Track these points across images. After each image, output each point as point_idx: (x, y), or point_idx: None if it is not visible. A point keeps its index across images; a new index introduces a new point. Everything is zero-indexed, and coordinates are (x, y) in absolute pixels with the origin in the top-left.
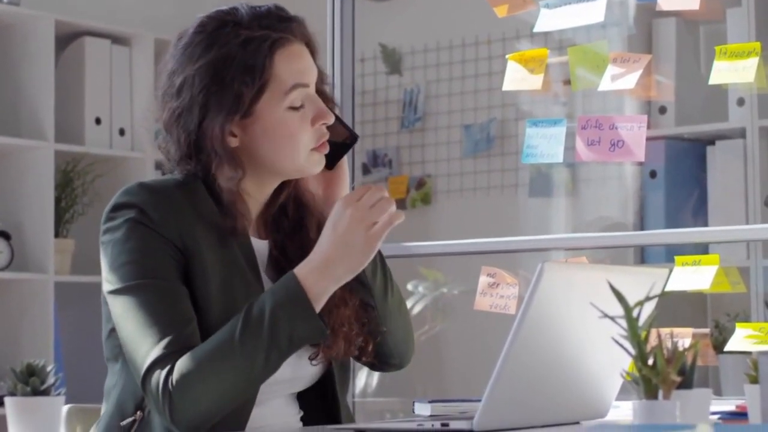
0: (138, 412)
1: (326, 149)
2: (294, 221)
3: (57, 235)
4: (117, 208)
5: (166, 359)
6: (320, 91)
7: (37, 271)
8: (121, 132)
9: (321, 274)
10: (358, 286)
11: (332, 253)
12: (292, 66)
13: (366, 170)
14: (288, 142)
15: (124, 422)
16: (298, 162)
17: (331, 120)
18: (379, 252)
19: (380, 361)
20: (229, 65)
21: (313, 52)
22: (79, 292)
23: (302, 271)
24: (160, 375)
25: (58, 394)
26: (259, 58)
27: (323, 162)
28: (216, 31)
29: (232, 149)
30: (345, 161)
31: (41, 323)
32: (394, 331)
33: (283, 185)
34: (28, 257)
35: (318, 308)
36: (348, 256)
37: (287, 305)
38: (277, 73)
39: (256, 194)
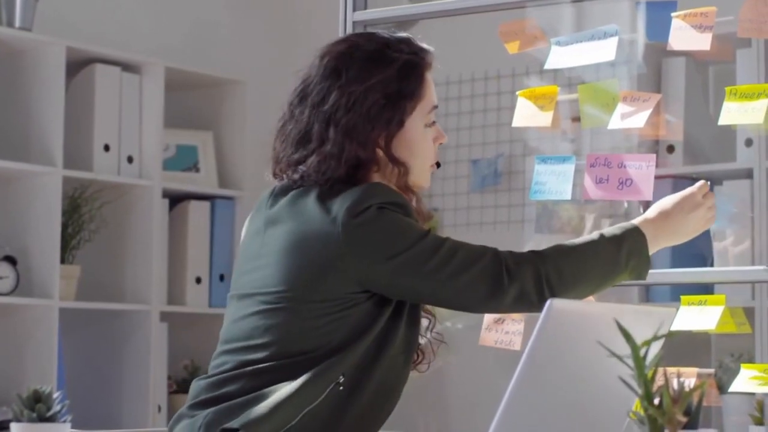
0: (341, 377)
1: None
2: None
3: (63, 261)
4: (391, 204)
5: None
6: None
7: (42, 296)
8: (129, 159)
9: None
10: None
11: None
12: (433, 88)
13: None
14: (423, 155)
15: (341, 380)
16: (423, 175)
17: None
18: None
19: None
20: (395, 84)
21: None
22: (84, 319)
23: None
24: (536, 260)
25: (64, 421)
26: (417, 78)
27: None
28: (375, 52)
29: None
30: None
31: (45, 349)
32: None
33: None
34: (34, 282)
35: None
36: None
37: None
38: (426, 93)
39: None
